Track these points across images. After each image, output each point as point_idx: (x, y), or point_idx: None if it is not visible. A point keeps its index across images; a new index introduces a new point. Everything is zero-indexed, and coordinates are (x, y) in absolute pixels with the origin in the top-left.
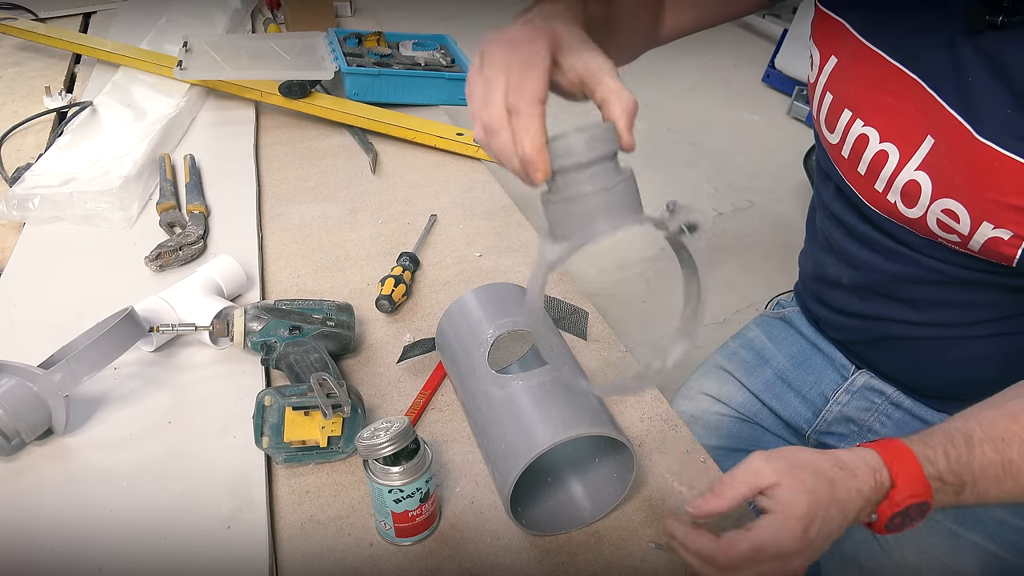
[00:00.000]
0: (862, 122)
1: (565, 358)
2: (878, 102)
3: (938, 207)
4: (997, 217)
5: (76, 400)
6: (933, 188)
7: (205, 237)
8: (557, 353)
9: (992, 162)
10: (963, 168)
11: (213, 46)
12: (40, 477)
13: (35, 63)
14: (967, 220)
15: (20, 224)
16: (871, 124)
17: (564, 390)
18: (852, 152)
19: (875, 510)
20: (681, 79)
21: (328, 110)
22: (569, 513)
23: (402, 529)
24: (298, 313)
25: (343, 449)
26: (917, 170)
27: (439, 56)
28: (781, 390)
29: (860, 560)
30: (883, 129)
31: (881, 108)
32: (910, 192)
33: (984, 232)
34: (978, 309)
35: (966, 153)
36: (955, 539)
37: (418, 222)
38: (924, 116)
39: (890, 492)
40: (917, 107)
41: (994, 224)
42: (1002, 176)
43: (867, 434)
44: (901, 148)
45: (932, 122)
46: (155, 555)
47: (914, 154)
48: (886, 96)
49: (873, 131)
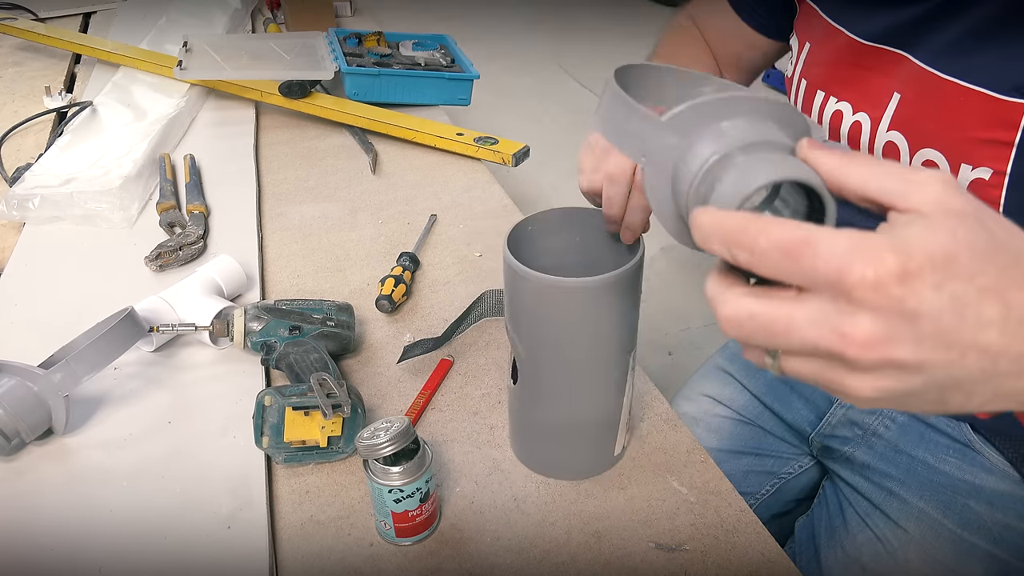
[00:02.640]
0: (835, 99)
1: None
2: (846, 76)
3: (918, 161)
4: (973, 156)
5: (76, 400)
6: (909, 143)
7: (205, 237)
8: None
9: (959, 97)
10: (933, 113)
11: (213, 46)
12: (40, 477)
13: (35, 63)
14: (946, 167)
15: (20, 224)
16: (843, 99)
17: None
18: (830, 133)
19: None
20: None
21: (328, 110)
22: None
23: (402, 529)
24: (298, 313)
25: (343, 449)
26: (889, 131)
27: (439, 56)
28: (783, 392)
29: (864, 562)
30: (854, 100)
31: (849, 81)
32: (890, 154)
33: (965, 176)
34: None
35: (934, 96)
36: (960, 543)
37: (418, 222)
38: (889, 76)
39: None
40: (882, 71)
41: (972, 164)
42: (970, 110)
43: (871, 438)
44: (871, 114)
45: (897, 78)
46: (155, 555)
47: (883, 116)
48: (853, 68)
49: (846, 104)
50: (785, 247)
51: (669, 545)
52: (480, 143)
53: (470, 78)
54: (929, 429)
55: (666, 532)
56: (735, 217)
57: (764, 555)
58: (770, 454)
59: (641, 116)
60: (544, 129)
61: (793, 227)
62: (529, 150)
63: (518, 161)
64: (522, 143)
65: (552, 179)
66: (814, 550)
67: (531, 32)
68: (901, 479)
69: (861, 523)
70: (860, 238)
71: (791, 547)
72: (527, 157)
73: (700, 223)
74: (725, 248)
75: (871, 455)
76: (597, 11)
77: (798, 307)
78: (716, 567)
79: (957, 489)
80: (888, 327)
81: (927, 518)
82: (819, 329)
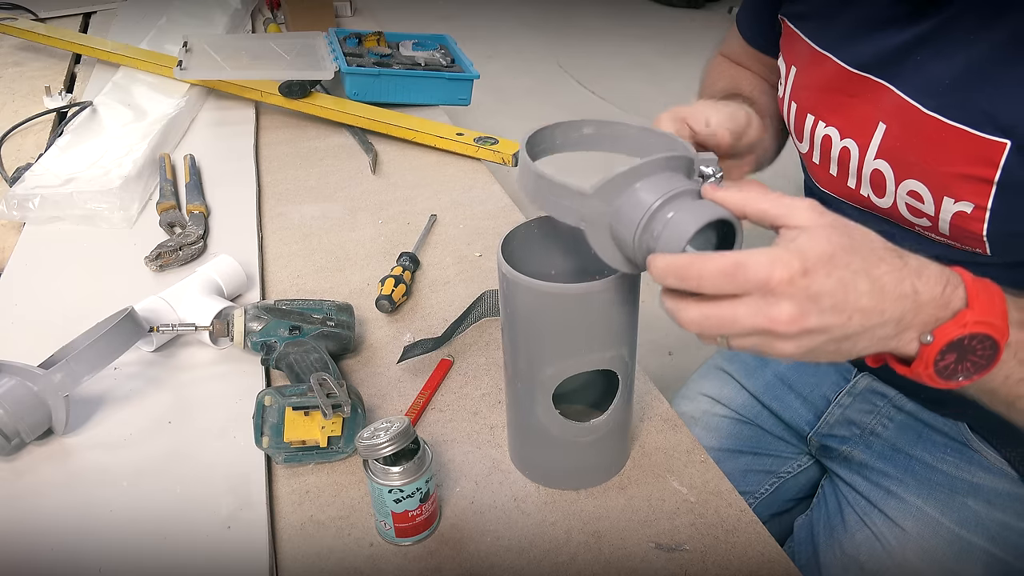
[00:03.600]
0: (824, 123)
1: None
2: (833, 102)
3: (903, 191)
4: (955, 190)
5: (76, 400)
6: (895, 173)
7: (205, 237)
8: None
9: (940, 133)
10: (916, 146)
11: (213, 46)
12: (40, 477)
13: (35, 63)
14: (930, 199)
15: (20, 224)
16: (831, 124)
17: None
18: (821, 155)
19: (934, 331)
20: (681, 79)
21: (328, 110)
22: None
23: (402, 529)
24: (298, 313)
25: (343, 449)
26: (876, 159)
27: (439, 56)
28: (781, 392)
29: (861, 561)
30: (841, 126)
31: (836, 107)
32: (877, 181)
33: (948, 208)
34: None
35: (916, 130)
36: (958, 542)
37: (418, 222)
38: (873, 105)
39: (960, 312)
40: (866, 99)
41: (954, 198)
42: (951, 147)
43: (869, 437)
44: (859, 141)
45: (882, 109)
46: (155, 555)
47: (869, 144)
48: (838, 95)
49: (834, 130)
50: (724, 271)
51: (669, 545)
52: (480, 143)
53: (470, 78)
54: (927, 428)
55: (666, 532)
56: (682, 258)
57: (764, 555)
58: (769, 453)
59: (572, 192)
60: None
61: (725, 256)
62: None
63: (518, 161)
64: None
65: None
66: (813, 549)
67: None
68: (899, 478)
69: (859, 522)
70: (773, 253)
71: (790, 546)
72: None
73: (656, 266)
74: (678, 281)
75: (869, 454)
76: (597, 11)
77: (738, 305)
78: (716, 567)
79: (955, 488)
80: (801, 308)
81: (925, 517)
82: (755, 317)
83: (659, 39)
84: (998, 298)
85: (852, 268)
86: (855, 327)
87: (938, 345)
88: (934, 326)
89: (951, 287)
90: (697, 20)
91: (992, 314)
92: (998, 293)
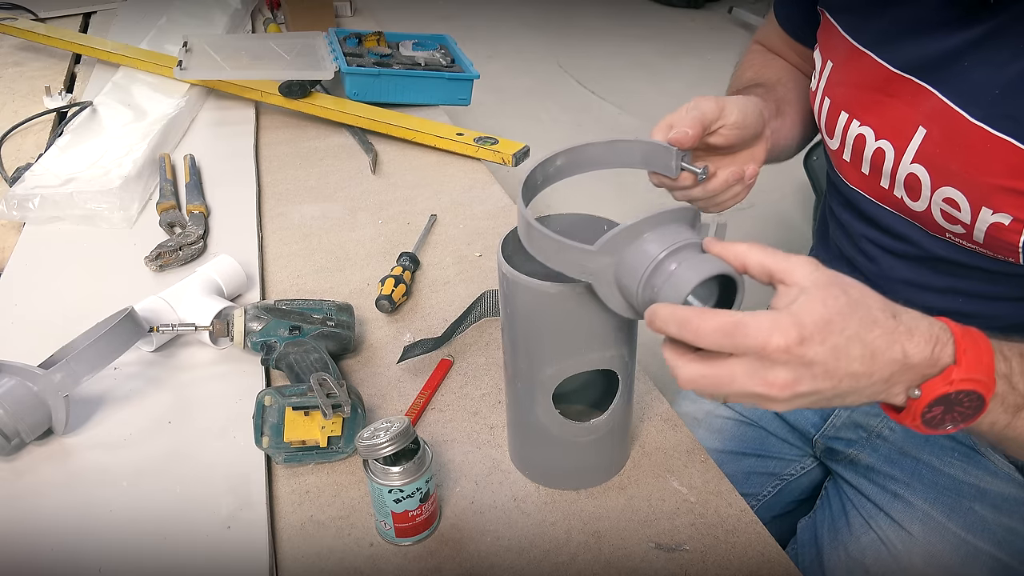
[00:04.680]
0: (858, 122)
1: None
2: (869, 100)
3: (939, 197)
4: (994, 201)
5: (76, 400)
6: (931, 178)
7: (205, 237)
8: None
9: (984, 144)
10: (957, 154)
11: (213, 46)
12: (40, 477)
13: (35, 63)
14: (967, 208)
15: (20, 224)
16: (866, 123)
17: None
18: (853, 154)
19: (921, 386)
20: (681, 79)
21: (328, 110)
22: None
23: (402, 529)
24: (298, 313)
25: (343, 449)
26: (913, 163)
27: (439, 56)
28: None
29: (867, 564)
30: (876, 127)
31: (873, 106)
32: (912, 185)
33: (985, 219)
34: (989, 316)
35: (959, 138)
36: (964, 546)
37: (418, 222)
38: (913, 108)
39: (947, 369)
40: (906, 100)
41: (993, 209)
42: (995, 158)
43: (876, 440)
44: (895, 143)
45: (922, 112)
46: (155, 555)
47: (907, 147)
48: (876, 94)
49: (869, 130)
50: (723, 329)
51: (669, 545)
52: (480, 143)
53: (470, 78)
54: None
55: (666, 532)
56: (683, 310)
57: (764, 555)
58: (773, 455)
59: (578, 249)
60: (544, 129)
61: (725, 315)
62: (529, 150)
63: (518, 161)
64: (522, 143)
65: None
66: (817, 551)
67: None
68: (906, 481)
69: (865, 525)
70: (772, 318)
71: (793, 548)
72: (527, 157)
73: (658, 315)
74: (678, 332)
75: (875, 457)
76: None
77: (735, 366)
78: (716, 567)
79: (962, 492)
80: (796, 374)
81: (931, 521)
82: (751, 380)
83: (659, 39)
84: (985, 352)
85: (847, 334)
86: (844, 389)
87: (925, 400)
88: (922, 382)
89: (940, 345)
90: (697, 20)
91: (978, 370)
92: (986, 346)
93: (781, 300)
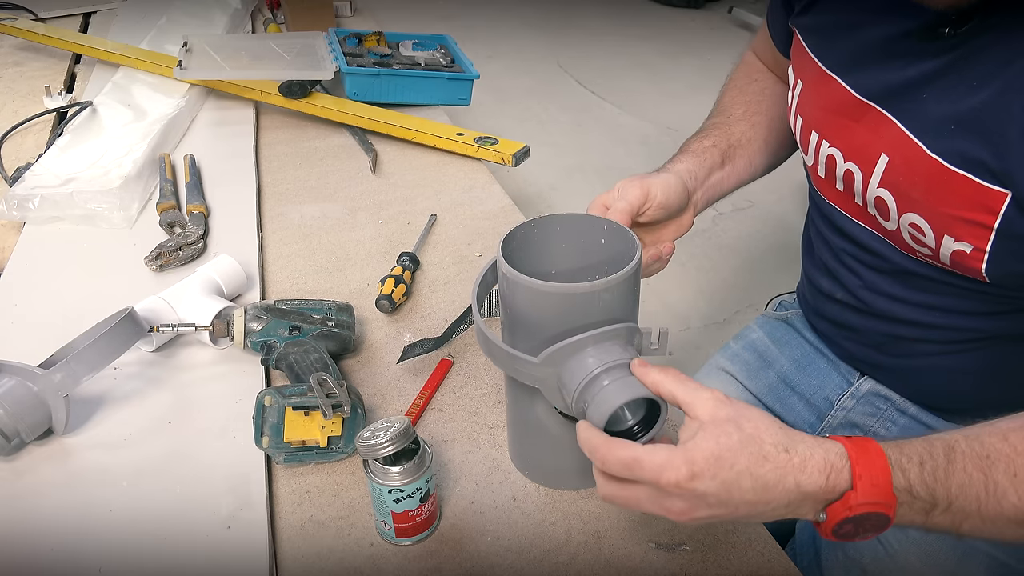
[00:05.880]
0: (827, 143)
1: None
2: (837, 124)
3: (905, 221)
4: (955, 230)
5: (76, 400)
6: (897, 204)
7: (205, 237)
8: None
9: (941, 176)
10: (917, 183)
11: (213, 46)
12: (40, 477)
13: (35, 63)
14: (931, 234)
15: (20, 224)
16: (835, 145)
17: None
18: (827, 172)
19: (825, 509)
20: (681, 79)
21: (328, 110)
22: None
23: (402, 529)
24: (298, 313)
25: (343, 449)
26: (879, 187)
27: (439, 56)
28: (784, 393)
29: (864, 563)
30: (844, 150)
31: (840, 130)
32: (880, 207)
33: (948, 245)
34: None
35: (919, 168)
36: (960, 545)
37: (418, 222)
38: (877, 135)
39: (846, 494)
40: (870, 127)
41: (955, 237)
42: (951, 190)
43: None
44: (862, 168)
45: (884, 140)
46: (155, 555)
47: (873, 172)
48: (842, 118)
49: (837, 152)
50: (623, 462)
51: (669, 545)
52: (480, 143)
53: (470, 78)
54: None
55: (666, 532)
56: (595, 439)
57: (764, 555)
58: None
59: (525, 361)
60: (544, 129)
61: (627, 450)
62: (529, 150)
63: (518, 161)
64: (522, 143)
65: (552, 179)
66: (815, 552)
67: (531, 32)
68: None
69: None
70: (667, 455)
71: (792, 548)
72: (527, 157)
73: (579, 435)
74: (590, 456)
75: None
76: (597, 11)
77: (640, 491)
78: (716, 567)
79: None
80: (691, 503)
81: None
82: (653, 505)
83: (659, 39)
84: (881, 472)
85: (736, 469)
86: (744, 513)
87: (831, 523)
88: (825, 506)
89: (835, 472)
90: (697, 20)
91: (875, 493)
92: (882, 466)
93: (685, 432)
